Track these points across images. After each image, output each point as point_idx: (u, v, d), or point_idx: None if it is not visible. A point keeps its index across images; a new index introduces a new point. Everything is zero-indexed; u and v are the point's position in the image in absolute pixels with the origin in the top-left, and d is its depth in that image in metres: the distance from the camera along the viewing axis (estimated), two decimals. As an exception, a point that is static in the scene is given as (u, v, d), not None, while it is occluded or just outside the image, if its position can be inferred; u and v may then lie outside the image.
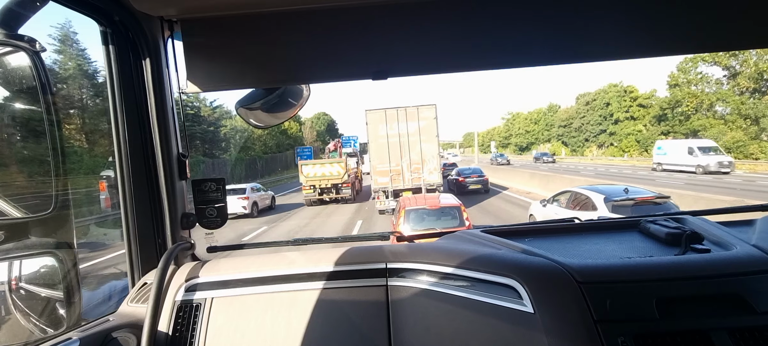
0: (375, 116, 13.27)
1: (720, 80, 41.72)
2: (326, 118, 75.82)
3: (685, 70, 44.19)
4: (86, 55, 21.50)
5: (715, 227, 1.12)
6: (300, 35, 1.12)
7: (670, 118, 46.45)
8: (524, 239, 1.23)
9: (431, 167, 13.20)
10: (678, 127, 44.86)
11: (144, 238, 1.24)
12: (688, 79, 44.10)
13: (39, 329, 1.06)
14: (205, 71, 1.15)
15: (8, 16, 1.02)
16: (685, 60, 43.67)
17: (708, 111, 41.98)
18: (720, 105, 40.94)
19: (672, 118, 46.17)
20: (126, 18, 1.13)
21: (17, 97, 1.14)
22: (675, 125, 45.44)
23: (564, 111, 68.59)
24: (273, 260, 1.21)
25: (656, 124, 48.76)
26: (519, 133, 79.14)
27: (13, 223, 1.08)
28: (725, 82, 41.12)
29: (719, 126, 38.76)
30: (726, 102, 39.54)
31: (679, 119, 44.88)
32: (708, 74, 42.57)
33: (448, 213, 7.33)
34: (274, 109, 1.33)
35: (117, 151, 1.19)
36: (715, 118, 40.97)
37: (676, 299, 0.85)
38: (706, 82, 42.76)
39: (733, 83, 39.00)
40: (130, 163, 1.20)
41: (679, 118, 44.88)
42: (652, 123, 49.55)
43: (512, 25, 1.10)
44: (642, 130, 50.45)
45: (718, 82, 41.90)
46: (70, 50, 19.08)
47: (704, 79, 42.79)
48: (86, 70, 20.57)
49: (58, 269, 1.08)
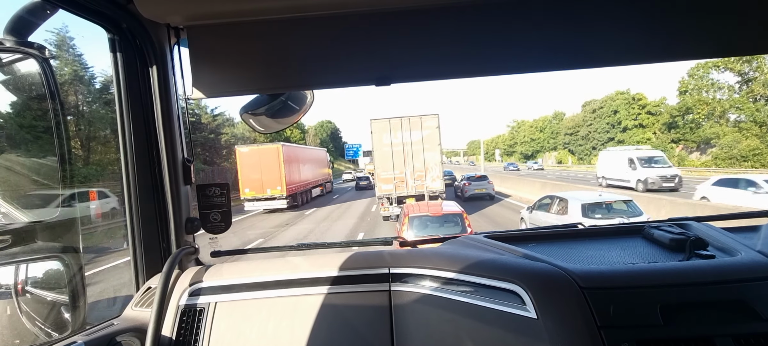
0: (379, 125, 13.78)
1: (732, 87, 41.42)
2: (330, 126, 76.14)
3: (696, 76, 43.95)
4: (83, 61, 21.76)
5: (720, 233, 1.13)
6: (304, 42, 1.16)
7: (680, 125, 46.20)
8: (527, 245, 1.25)
9: (434, 175, 13.63)
10: (689, 135, 44.55)
11: (149, 242, 1.27)
12: (699, 85, 43.84)
13: (44, 332, 1.09)
14: (210, 77, 1.19)
15: (19, 23, 1.07)
16: (696, 66, 43.46)
17: (720, 118, 41.62)
18: (733, 112, 40.55)
19: (682, 125, 45.90)
20: (133, 25, 1.18)
21: (27, 103, 1.18)
22: (686, 133, 45.14)
23: (570, 119, 68.74)
24: (276, 265, 1.24)
25: (666, 131, 48.56)
26: (524, 140, 79.42)
27: (20, 227, 1.12)
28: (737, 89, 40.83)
29: (733, 134, 38.36)
30: (740, 109, 39.14)
31: (690, 127, 44.61)
32: (719, 81, 42.33)
33: (451, 220, 7.71)
34: (278, 115, 1.37)
35: (123, 156, 1.22)
36: (727, 125, 40.62)
37: (680, 305, 0.86)
38: (718, 89, 42.47)
39: (747, 90, 38.68)
40: (135, 167, 1.24)
41: (690, 126, 44.61)
42: (662, 131, 49.33)
43: (515, 31, 1.13)
44: (651, 138, 50.20)
45: (730, 89, 41.62)
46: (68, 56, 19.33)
47: (715, 86, 42.49)
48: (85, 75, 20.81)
49: (64, 273, 1.11)
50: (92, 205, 12.04)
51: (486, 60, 1.15)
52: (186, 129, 1.33)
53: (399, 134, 13.68)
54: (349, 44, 1.15)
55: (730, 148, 37.44)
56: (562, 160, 65.03)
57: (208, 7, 1.07)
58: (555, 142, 71.92)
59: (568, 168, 57.34)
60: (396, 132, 13.68)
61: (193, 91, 1.20)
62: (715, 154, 39.67)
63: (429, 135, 13.63)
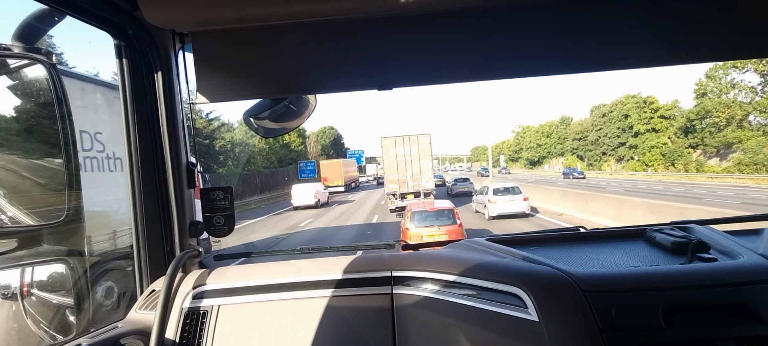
0: (387, 142, 19.94)
1: (754, 88, 40.76)
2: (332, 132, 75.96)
3: (715, 77, 43.35)
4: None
5: (722, 236, 1.16)
6: (307, 47, 1.21)
7: (698, 129, 45.63)
8: (529, 248, 1.28)
9: (427, 178, 19.61)
10: (709, 140, 44.00)
11: (153, 245, 1.32)
12: (718, 87, 43.29)
13: (49, 335, 1.15)
14: (214, 82, 1.24)
15: (27, 30, 1.13)
16: (715, 67, 42.84)
17: (742, 121, 41.03)
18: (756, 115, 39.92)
19: (701, 129, 45.33)
20: (139, 32, 1.24)
21: (34, 108, 1.25)
22: (705, 137, 44.63)
23: (578, 123, 68.55)
24: (279, 268, 1.29)
25: (682, 136, 48.04)
26: (530, 146, 79.06)
27: (26, 230, 1.17)
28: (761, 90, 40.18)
29: (757, 138, 37.80)
30: (764, 112, 38.52)
31: (710, 131, 44.03)
32: (743, 81, 41.59)
33: (445, 214, 10.18)
34: (281, 119, 1.43)
35: (128, 160, 1.28)
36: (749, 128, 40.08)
37: (682, 308, 0.89)
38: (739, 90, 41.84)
39: (772, 92, 38.07)
40: (140, 171, 1.29)
41: (710, 130, 44.02)
42: (678, 135, 48.86)
43: (519, 34, 1.17)
44: (667, 142, 49.77)
45: (752, 90, 41.00)
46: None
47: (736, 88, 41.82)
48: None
49: (69, 276, 1.17)
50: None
51: (489, 64, 1.19)
52: (190, 133, 1.39)
53: (402, 148, 19.68)
54: (352, 49, 1.20)
55: (754, 153, 36.91)
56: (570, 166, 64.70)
57: (213, 14, 1.13)
58: (562, 148, 71.65)
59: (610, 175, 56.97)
60: (399, 146, 19.72)
61: (197, 96, 1.25)
62: (737, 160, 39.17)
63: (423, 149, 19.73)
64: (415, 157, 19.67)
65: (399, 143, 19.85)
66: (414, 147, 19.68)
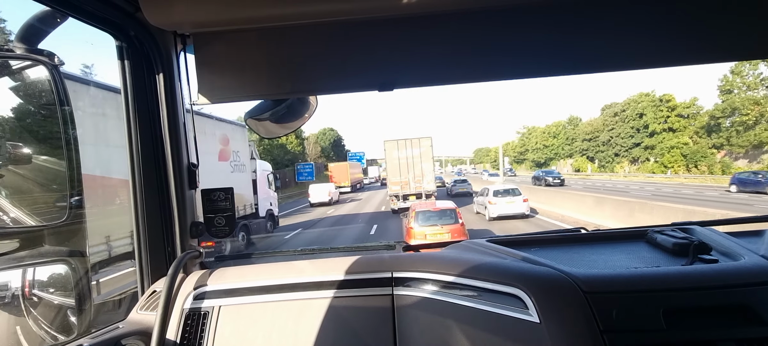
0: (390, 145, 20.76)
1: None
2: (332, 134, 75.88)
3: (741, 73, 41.30)
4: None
5: (723, 238, 1.16)
6: (308, 48, 1.23)
7: (723, 128, 43.55)
8: (530, 249, 1.29)
9: (429, 179, 20.42)
10: (735, 139, 41.86)
11: (154, 246, 1.35)
12: (745, 82, 41.34)
13: (50, 335, 1.17)
14: (215, 83, 1.27)
15: (29, 31, 1.16)
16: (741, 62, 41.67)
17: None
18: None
19: (726, 128, 43.22)
20: (141, 33, 1.26)
21: (36, 110, 1.27)
22: (731, 136, 42.47)
23: (588, 123, 66.93)
24: (280, 269, 1.31)
25: (705, 135, 46.18)
26: (536, 147, 77.56)
27: (28, 231, 1.20)
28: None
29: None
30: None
31: (737, 129, 41.84)
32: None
33: (447, 213, 10.50)
34: (282, 120, 1.44)
35: (130, 160, 1.31)
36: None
37: (683, 310, 0.89)
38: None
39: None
40: (142, 172, 1.32)
41: (737, 129, 41.83)
42: (701, 135, 47.02)
43: (520, 35, 1.17)
44: (688, 142, 47.99)
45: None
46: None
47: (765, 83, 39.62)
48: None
49: (71, 277, 1.19)
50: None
51: (491, 64, 1.20)
52: (192, 134, 1.41)
53: (404, 150, 20.48)
54: (353, 50, 1.22)
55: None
56: (581, 169, 63.42)
57: (215, 15, 1.14)
58: (571, 149, 70.28)
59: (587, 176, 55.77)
60: (402, 149, 20.53)
61: (198, 96, 1.27)
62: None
63: (425, 151, 20.48)
64: (416, 160, 20.45)
65: (401, 146, 20.63)
66: (416, 149, 20.49)
